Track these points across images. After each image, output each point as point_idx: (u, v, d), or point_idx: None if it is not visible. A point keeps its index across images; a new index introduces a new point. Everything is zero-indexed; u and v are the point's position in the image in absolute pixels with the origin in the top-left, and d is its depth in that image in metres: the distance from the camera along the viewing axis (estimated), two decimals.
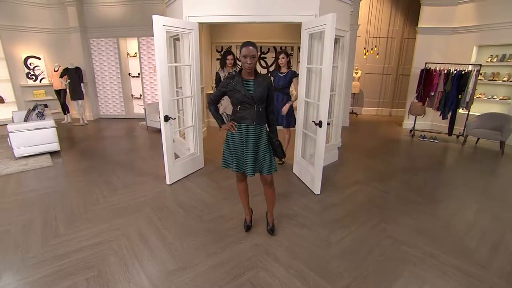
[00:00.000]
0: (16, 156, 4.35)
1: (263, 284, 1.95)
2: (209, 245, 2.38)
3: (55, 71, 6.81)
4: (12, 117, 5.36)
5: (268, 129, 2.31)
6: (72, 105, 7.23)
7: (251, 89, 2.16)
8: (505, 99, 5.73)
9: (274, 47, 7.38)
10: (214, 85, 3.35)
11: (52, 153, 4.67)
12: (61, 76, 6.66)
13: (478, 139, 5.57)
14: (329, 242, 2.43)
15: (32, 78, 7.10)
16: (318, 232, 2.57)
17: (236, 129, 2.20)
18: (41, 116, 4.64)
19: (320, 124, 3.01)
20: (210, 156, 4.42)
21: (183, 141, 4.40)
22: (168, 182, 3.48)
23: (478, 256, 2.27)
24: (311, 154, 3.73)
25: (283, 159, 3.80)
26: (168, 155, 3.36)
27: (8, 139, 4.31)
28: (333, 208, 3.01)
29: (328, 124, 3.40)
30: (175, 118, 3.90)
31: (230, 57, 3.89)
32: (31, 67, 7.04)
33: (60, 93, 6.93)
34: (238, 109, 2.18)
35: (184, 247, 2.35)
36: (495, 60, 5.82)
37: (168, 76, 3.28)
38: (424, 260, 2.22)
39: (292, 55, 7.40)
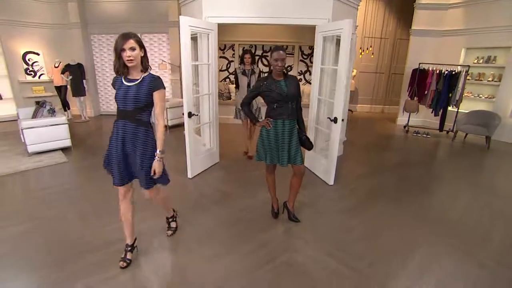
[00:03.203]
0: (30, 153, 4.37)
1: (298, 264, 2.19)
2: (241, 233, 2.57)
3: (55, 67, 6.73)
4: (17, 113, 5.30)
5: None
6: (73, 101, 7.17)
7: (284, 88, 2.40)
8: (489, 98, 6.23)
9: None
10: (234, 80, 3.63)
11: (64, 149, 4.71)
12: (62, 73, 6.61)
13: (467, 134, 6.03)
14: (348, 228, 2.70)
15: (31, 74, 6.99)
16: (336, 219, 2.85)
17: (271, 125, 2.43)
18: (52, 112, 4.67)
19: (335, 120, 3.27)
20: (223, 151, 4.60)
21: (198, 137, 4.55)
22: (189, 176, 3.65)
23: (475, 237, 2.61)
24: (322, 148, 4.00)
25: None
26: (191, 150, 3.53)
27: (21, 135, 4.32)
28: (346, 197, 3.30)
29: (343, 120, 3.66)
30: (197, 115, 4.03)
31: (247, 55, 4.12)
32: (30, 63, 6.92)
33: (60, 90, 6.86)
34: (274, 106, 2.42)
35: (217, 236, 2.53)
36: (481, 61, 6.30)
37: (192, 74, 3.44)
38: (432, 242, 2.52)
39: (292, 54, 7.63)
